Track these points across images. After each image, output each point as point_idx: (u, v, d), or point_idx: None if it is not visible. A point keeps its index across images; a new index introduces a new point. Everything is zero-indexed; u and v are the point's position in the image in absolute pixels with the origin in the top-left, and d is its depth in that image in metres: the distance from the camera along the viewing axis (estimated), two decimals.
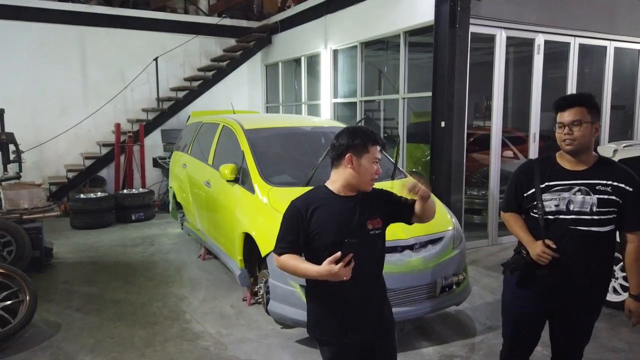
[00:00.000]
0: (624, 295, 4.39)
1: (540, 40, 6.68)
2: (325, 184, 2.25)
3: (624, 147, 4.85)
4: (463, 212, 6.38)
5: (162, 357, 3.70)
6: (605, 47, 7.43)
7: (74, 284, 5.29)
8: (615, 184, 2.30)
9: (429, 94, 6.32)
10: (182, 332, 4.11)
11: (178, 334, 4.08)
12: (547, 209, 2.37)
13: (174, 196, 6.92)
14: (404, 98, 7.06)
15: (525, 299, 2.48)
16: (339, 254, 1.96)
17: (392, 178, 4.62)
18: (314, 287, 2.22)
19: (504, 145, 8.18)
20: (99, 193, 8.22)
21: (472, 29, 6.05)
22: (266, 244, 3.93)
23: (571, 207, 2.33)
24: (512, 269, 2.46)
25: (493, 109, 6.54)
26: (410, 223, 2.31)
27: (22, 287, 3.91)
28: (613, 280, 4.51)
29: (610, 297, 4.48)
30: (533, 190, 2.42)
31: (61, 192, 8.93)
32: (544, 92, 6.88)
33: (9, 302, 3.87)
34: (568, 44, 7.00)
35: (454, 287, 3.96)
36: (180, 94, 10.08)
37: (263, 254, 3.95)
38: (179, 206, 6.92)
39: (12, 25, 8.79)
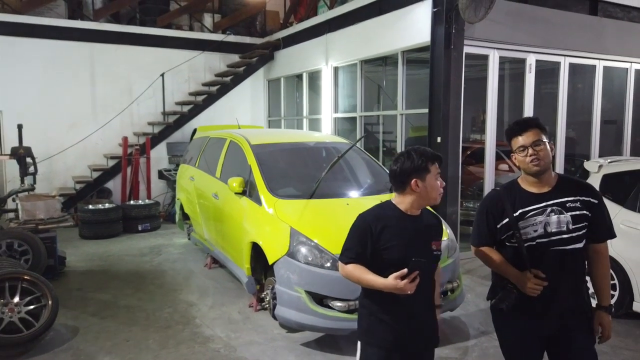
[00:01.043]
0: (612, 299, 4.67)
1: (531, 59, 7.03)
2: (392, 200, 2.36)
3: (609, 162, 5.16)
4: (459, 224, 6.66)
5: (176, 359, 3.96)
6: (594, 66, 7.79)
7: (87, 291, 5.55)
8: (582, 198, 2.35)
9: (426, 110, 6.64)
10: (193, 336, 4.37)
11: (190, 337, 4.34)
12: (525, 237, 2.35)
13: (181, 207, 7.19)
14: (402, 114, 7.39)
15: (522, 332, 2.42)
16: (405, 270, 2.11)
17: (391, 191, 4.91)
18: (370, 298, 2.33)
19: (500, 159, 8.52)
20: (107, 204, 8.50)
21: (467, 49, 6.40)
22: (273, 252, 4.21)
23: (549, 229, 2.33)
24: (506, 307, 2.37)
25: (487, 124, 6.87)
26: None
27: (44, 293, 4.17)
28: None
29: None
30: (507, 219, 2.38)
31: (69, 203, 9.20)
32: (537, 107, 7.22)
33: (32, 307, 4.13)
34: (558, 62, 7.36)
35: (449, 293, 4.24)
36: (185, 108, 10.41)
37: (270, 262, 4.22)
38: (185, 217, 7.21)
39: (25, 42, 9.13)
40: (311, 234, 4.10)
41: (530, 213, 2.35)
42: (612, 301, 4.65)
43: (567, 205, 2.34)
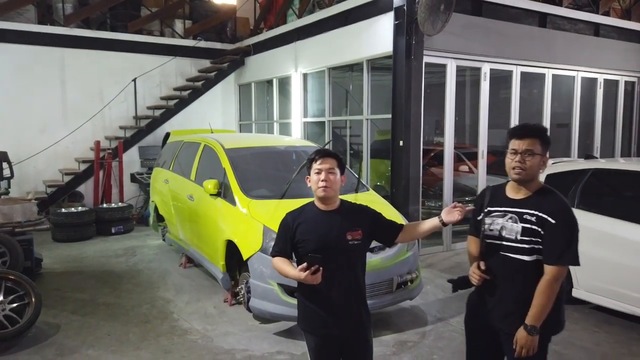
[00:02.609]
0: None
1: (486, 68, 7.57)
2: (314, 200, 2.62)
3: (552, 163, 5.69)
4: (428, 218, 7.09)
5: (156, 349, 4.23)
6: (544, 74, 8.40)
7: (65, 291, 5.73)
8: (540, 214, 2.34)
9: (390, 115, 7.07)
10: (172, 329, 4.64)
11: (168, 330, 4.62)
12: (486, 233, 2.48)
13: (156, 209, 7.41)
14: (367, 119, 7.81)
15: (472, 315, 2.64)
16: (305, 265, 2.35)
17: (356, 191, 5.31)
18: (301, 287, 2.58)
19: (460, 160, 9.05)
20: (80, 207, 8.62)
21: (426, 59, 6.86)
22: (247, 249, 4.53)
23: (503, 233, 2.43)
24: (454, 286, 2.62)
25: (445, 128, 7.36)
26: (390, 246, 2.79)
27: (28, 291, 4.37)
28: None
29: None
30: (482, 214, 2.53)
31: (41, 207, 9.23)
32: (492, 112, 7.76)
33: (15, 305, 4.33)
34: (511, 71, 7.92)
35: (409, 283, 4.66)
36: (157, 113, 10.57)
37: (245, 258, 4.54)
38: (159, 219, 7.43)
39: None
40: None
41: (494, 213, 2.48)
42: None
43: (524, 216, 2.38)
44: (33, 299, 4.37)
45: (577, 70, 8.80)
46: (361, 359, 2.64)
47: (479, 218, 2.56)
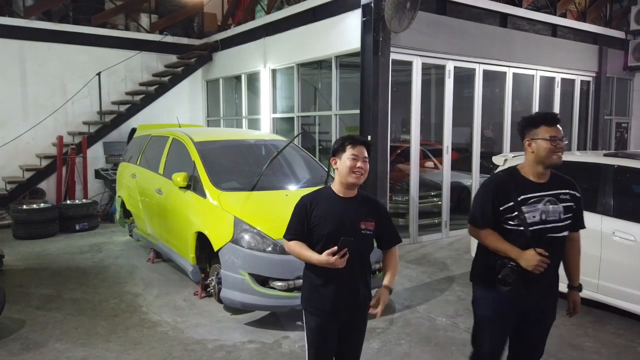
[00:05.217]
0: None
1: (450, 66, 7.79)
2: (331, 184, 2.63)
3: (513, 157, 5.93)
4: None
5: (126, 341, 4.20)
6: (505, 73, 8.71)
7: (29, 287, 5.59)
8: (571, 192, 2.61)
9: (358, 111, 7.20)
10: (141, 322, 4.61)
11: (138, 323, 4.59)
12: (529, 221, 2.51)
13: (122, 204, 7.30)
14: (336, 114, 7.92)
15: (505, 308, 2.63)
16: (335, 248, 2.38)
17: (325, 184, 5.38)
18: (310, 269, 2.61)
19: (426, 157, 9.28)
20: (42, 204, 8.39)
21: (393, 56, 7.02)
22: (218, 240, 4.56)
23: (545, 217, 2.54)
24: (507, 283, 2.51)
25: (411, 125, 7.54)
26: (380, 249, 2.73)
27: None
28: None
29: None
30: (511, 203, 2.53)
31: (0, 204, 8.95)
32: (457, 109, 7.99)
33: None
34: (474, 69, 8.19)
35: (377, 272, 4.77)
36: (122, 108, 10.39)
37: (215, 249, 4.56)
38: (126, 214, 7.32)
39: None
40: (254, 222, 4.49)
41: (531, 200, 2.53)
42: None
43: (561, 197, 2.57)
44: None
45: (536, 70, 9.16)
46: (358, 339, 2.74)
47: (502, 208, 2.56)
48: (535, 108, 9.29)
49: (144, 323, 4.58)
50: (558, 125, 2.54)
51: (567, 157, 5.51)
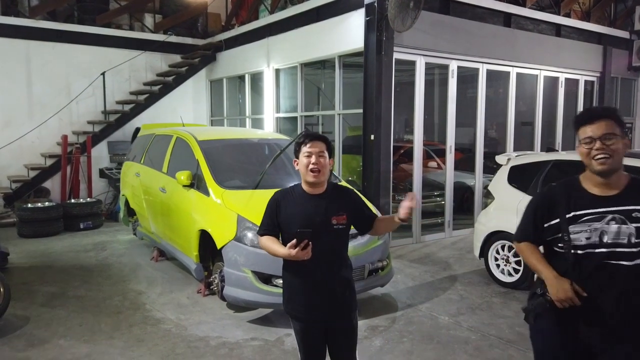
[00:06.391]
0: (516, 276, 5.40)
1: (453, 65, 7.79)
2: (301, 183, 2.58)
3: (516, 156, 5.93)
4: (391, 214, 7.25)
5: (129, 338, 4.23)
6: (508, 72, 8.70)
7: (33, 285, 5.63)
8: None
9: (361, 110, 7.21)
10: (144, 319, 4.64)
11: (141, 320, 4.61)
12: (575, 243, 2.04)
13: (126, 203, 7.34)
14: (339, 114, 7.93)
15: (556, 343, 2.18)
16: (294, 241, 2.29)
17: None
18: (286, 270, 2.57)
19: (429, 157, 9.28)
20: (47, 203, 8.43)
21: (396, 55, 7.03)
22: (221, 238, 4.57)
23: (605, 239, 2.01)
24: (534, 316, 2.18)
25: (414, 125, 7.54)
26: (364, 234, 2.65)
27: None
28: (506, 264, 5.51)
29: (505, 278, 5.50)
30: (557, 220, 2.10)
31: (6, 202, 9.00)
32: (460, 109, 7.99)
33: None
34: (477, 69, 8.18)
35: (379, 271, 4.79)
36: (127, 107, 10.43)
37: (219, 247, 4.58)
38: (130, 213, 7.36)
39: None
40: (257, 220, 4.48)
41: (585, 217, 2.04)
42: (518, 276, 5.37)
43: (633, 215, 1.99)
44: (2, 290, 4.30)
45: (540, 69, 9.14)
46: (345, 341, 2.61)
47: (547, 225, 2.16)
48: (539, 108, 9.28)
49: (148, 320, 4.60)
50: (599, 122, 2.02)
51: (569, 156, 5.57)
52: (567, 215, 2.08)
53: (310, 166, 2.45)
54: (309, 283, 2.50)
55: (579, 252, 2.05)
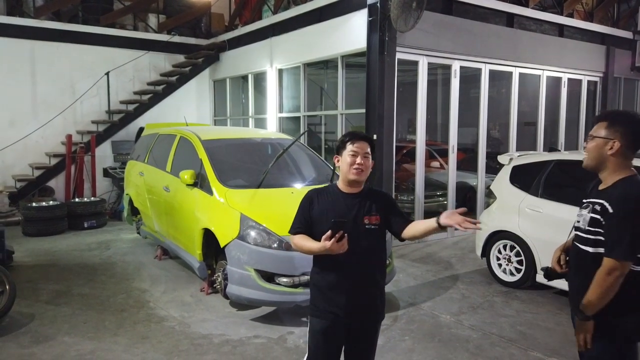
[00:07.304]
0: (518, 276, 5.42)
1: (456, 65, 7.81)
2: (336, 182, 2.60)
3: (518, 156, 5.95)
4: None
5: (133, 336, 4.27)
6: (511, 72, 8.71)
7: (38, 283, 5.67)
8: (603, 202, 2.21)
9: (364, 110, 7.23)
10: (148, 317, 4.68)
11: (145, 318, 4.65)
12: (574, 225, 2.41)
13: (130, 202, 7.38)
14: (342, 114, 7.96)
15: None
16: (329, 232, 2.26)
17: (331, 181, 5.43)
18: (317, 267, 2.55)
19: (432, 157, 9.29)
20: (51, 202, 8.49)
21: (399, 55, 7.05)
22: (224, 236, 4.61)
23: (577, 224, 2.36)
24: (545, 274, 2.61)
25: (417, 125, 7.56)
26: (399, 238, 2.54)
27: (2, 279, 4.34)
28: (508, 263, 5.53)
29: (507, 277, 5.51)
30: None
31: (10, 201, 9.06)
32: (463, 109, 8.01)
33: None
34: (480, 69, 8.19)
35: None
36: (131, 107, 10.49)
37: (222, 245, 4.62)
38: (134, 212, 7.40)
39: None
40: (260, 219, 4.54)
41: (583, 205, 2.37)
42: (520, 275, 5.39)
43: (595, 206, 2.26)
44: (7, 287, 4.34)
45: (543, 70, 9.15)
46: (365, 348, 2.58)
47: None
48: (542, 108, 9.28)
49: (151, 318, 4.64)
50: (597, 124, 2.31)
51: (571, 156, 5.57)
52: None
53: (355, 165, 2.47)
54: (341, 281, 2.46)
55: (574, 232, 2.43)
